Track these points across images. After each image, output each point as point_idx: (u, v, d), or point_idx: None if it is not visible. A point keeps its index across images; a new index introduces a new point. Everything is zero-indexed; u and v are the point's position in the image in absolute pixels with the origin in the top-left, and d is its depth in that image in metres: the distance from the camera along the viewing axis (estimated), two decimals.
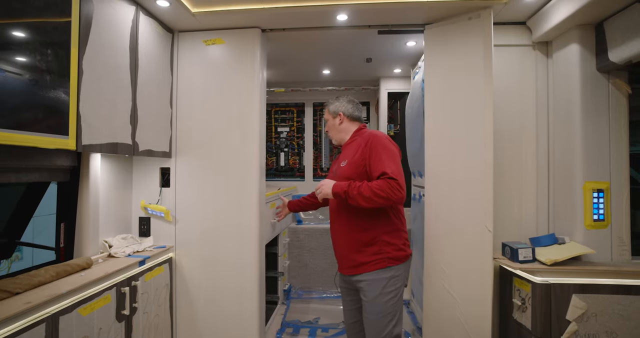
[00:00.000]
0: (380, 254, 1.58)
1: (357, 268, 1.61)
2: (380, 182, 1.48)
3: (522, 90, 2.04)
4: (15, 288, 1.24)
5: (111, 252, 1.80)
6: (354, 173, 1.60)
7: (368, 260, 1.58)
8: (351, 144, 1.73)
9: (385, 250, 1.58)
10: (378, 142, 1.60)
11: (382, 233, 1.59)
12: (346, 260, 1.66)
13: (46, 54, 1.25)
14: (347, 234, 1.64)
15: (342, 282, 1.77)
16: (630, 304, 1.57)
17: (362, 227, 1.60)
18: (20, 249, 5.05)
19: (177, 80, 2.15)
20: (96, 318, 1.42)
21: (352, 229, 1.62)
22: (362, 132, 1.73)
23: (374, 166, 1.55)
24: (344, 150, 1.77)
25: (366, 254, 1.58)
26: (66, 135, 1.33)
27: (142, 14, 1.82)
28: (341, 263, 1.70)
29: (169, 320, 2.06)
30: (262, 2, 1.86)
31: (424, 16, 1.98)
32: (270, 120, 3.92)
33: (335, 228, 1.71)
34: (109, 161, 1.93)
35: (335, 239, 1.73)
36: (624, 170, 1.78)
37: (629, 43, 1.56)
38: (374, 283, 1.57)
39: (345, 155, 1.72)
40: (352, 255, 1.62)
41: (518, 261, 1.76)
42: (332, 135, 1.83)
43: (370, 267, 1.58)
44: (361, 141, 1.65)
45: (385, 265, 1.57)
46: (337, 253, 1.72)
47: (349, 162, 1.64)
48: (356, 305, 1.73)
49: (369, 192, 1.47)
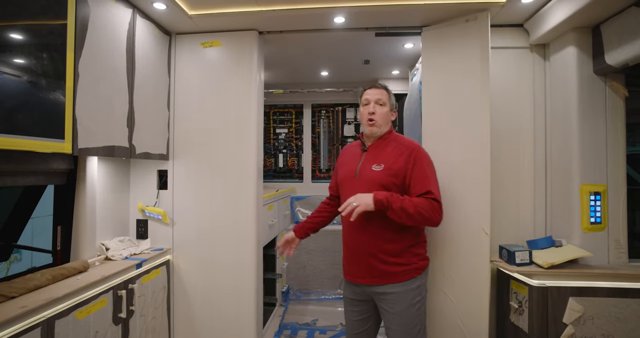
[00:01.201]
0: (407, 265, 1.49)
1: (382, 278, 1.49)
2: (424, 201, 1.40)
3: (519, 92, 2.04)
4: (10, 292, 1.24)
5: (108, 254, 1.79)
6: (390, 182, 1.47)
7: (395, 270, 1.48)
8: (385, 146, 1.56)
9: (412, 260, 1.50)
10: (425, 156, 1.52)
11: (409, 245, 1.51)
12: (368, 269, 1.51)
13: (42, 57, 1.25)
14: (371, 243, 1.50)
15: (350, 293, 1.63)
16: (626, 307, 1.57)
17: (389, 238, 1.48)
18: (19, 250, 5.05)
19: (174, 83, 2.15)
20: (92, 322, 1.42)
21: (377, 239, 1.49)
22: (397, 137, 1.60)
23: (419, 181, 1.45)
24: (374, 150, 1.58)
25: (393, 265, 1.48)
26: (62, 138, 1.33)
27: (139, 17, 1.82)
28: (360, 272, 1.54)
29: (167, 322, 2.06)
30: (259, 4, 1.85)
31: (421, 18, 1.98)
32: (269, 122, 3.92)
33: (355, 236, 1.54)
34: (106, 164, 1.93)
35: (353, 247, 1.56)
36: (620, 173, 1.78)
37: (626, 46, 1.56)
38: (402, 295, 1.48)
39: (379, 158, 1.54)
40: (377, 264, 1.49)
41: (515, 264, 1.76)
42: (380, 123, 1.56)
43: (398, 278, 1.48)
44: (403, 149, 1.52)
45: (412, 277, 1.49)
46: (355, 262, 1.55)
47: (388, 168, 1.49)
48: (365, 315, 1.62)
49: (413, 209, 1.38)
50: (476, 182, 1.81)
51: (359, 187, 1.50)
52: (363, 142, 1.64)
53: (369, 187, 1.47)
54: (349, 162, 1.63)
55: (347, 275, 1.62)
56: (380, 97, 1.58)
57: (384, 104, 1.58)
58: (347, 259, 1.61)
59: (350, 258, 1.59)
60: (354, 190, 1.48)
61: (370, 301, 1.59)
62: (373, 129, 1.57)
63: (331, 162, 3.87)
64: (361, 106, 1.63)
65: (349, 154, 1.68)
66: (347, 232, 1.59)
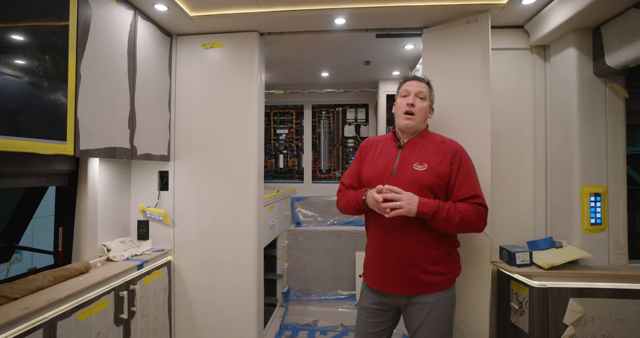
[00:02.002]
0: (446, 275, 1.40)
1: (418, 288, 1.38)
2: (470, 208, 1.32)
3: (520, 93, 2.04)
4: (13, 294, 1.24)
5: (109, 255, 1.80)
6: (434, 183, 1.36)
7: (434, 280, 1.37)
8: (425, 144, 1.45)
9: (451, 269, 1.42)
10: (469, 158, 1.43)
11: (448, 252, 1.42)
12: (404, 278, 1.38)
13: (44, 58, 1.26)
14: (412, 249, 1.37)
15: (373, 302, 1.47)
16: (627, 308, 1.57)
17: (433, 244, 1.37)
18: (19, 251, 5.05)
19: (175, 84, 2.15)
20: (94, 323, 1.42)
21: (421, 245, 1.37)
22: (435, 135, 1.51)
23: (465, 184, 1.36)
24: (412, 148, 1.45)
25: (433, 274, 1.37)
26: (64, 140, 1.33)
27: (140, 18, 1.82)
28: (393, 282, 1.40)
29: (168, 323, 2.06)
30: (260, 6, 1.86)
31: (421, 20, 1.98)
32: (269, 122, 3.92)
33: (391, 240, 1.39)
34: (107, 165, 1.93)
35: (387, 252, 1.41)
36: (621, 174, 1.79)
37: (626, 48, 1.56)
38: (436, 305, 1.38)
39: (420, 156, 1.41)
40: (416, 274, 1.37)
41: (515, 265, 1.76)
42: (418, 117, 1.44)
43: (435, 288, 1.38)
44: (446, 149, 1.42)
45: (448, 286, 1.41)
46: (388, 269, 1.41)
47: (432, 169, 1.37)
48: (384, 326, 1.48)
49: (459, 218, 1.29)
50: None
51: (398, 186, 1.34)
52: (398, 137, 1.50)
53: (410, 187, 1.34)
54: (380, 158, 1.47)
55: (373, 283, 1.46)
56: (422, 89, 1.46)
57: (424, 98, 1.46)
58: (375, 265, 1.45)
59: (380, 264, 1.43)
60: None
61: (394, 311, 1.48)
62: (409, 123, 1.43)
63: (331, 163, 3.88)
64: (398, 97, 1.52)
65: (379, 149, 1.51)
66: (380, 234, 1.43)
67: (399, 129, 1.51)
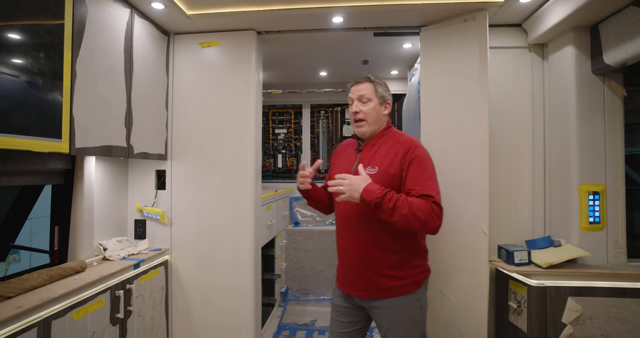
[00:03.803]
0: (406, 279, 1.34)
1: (378, 292, 1.34)
2: (422, 203, 1.22)
3: (518, 92, 2.04)
4: (7, 293, 1.23)
5: (106, 255, 1.79)
6: (386, 186, 1.27)
7: (393, 284, 1.33)
8: (381, 146, 1.40)
9: (412, 273, 1.35)
10: (423, 155, 1.34)
11: (410, 256, 1.36)
12: (363, 281, 1.36)
13: (39, 57, 1.25)
14: (368, 253, 1.34)
15: (342, 301, 1.46)
16: (625, 307, 1.56)
17: (388, 247, 1.32)
18: (18, 251, 5.04)
19: (172, 83, 2.14)
20: (89, 322, 1.41)
21: (374, 247, 1.33)
22: (394, 134, 1.43)
23: (416, 182, 1.28)
24: (369, 150, 1.41)
25: (391, 278, 1.33)
26: (59, 138, 1.33)
27: (137, 17, 1.82)
28: (353, 284, 1.39)
29: (165, 323, 2.05)
30: (257, 4, 1.85)
31: (419, 18, 1.98)
32: (268, 122, 3.91)
33: (350, 243, 1.38)
34: (104, 163, 1.93)
35: (347, 255, 1.40)
36: (619, 173, 1.78)
37: (624, 45, 1.56)
38: (400, 309, 1.34)
39: (373, 159, 1.38)
40: (373, 277, 1.33)
41: (514, 264, 1.76)
42: (369, 121, 1.40)
43: (396, 292, 1.33)
44: (399, 148, 1.35)
45: (411, 290, 1.35)
46: (348, 271, 1.40)
47: (382, 172, 1.33)
48: (354, 327, 1.45)
49: (407, 209, 1.19)
50: (475, 181, 1.81)
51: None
52: (358, 141, 1.48)
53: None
54: (342, 163, 1.48)
55: (339, 284, 1.47)
56: (363, 93, 1.42)
57: (368, 99, 1.41)
58: (341, 267, 1.46)
59: (342, 265, 1.44)
60: None
61: (363, 311, 1.44)
62: (361, 130, 1.42)
63: (330, 163, 3.87)
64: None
65: (344, 153, 1.53)
66: (341, 236, 1.43)
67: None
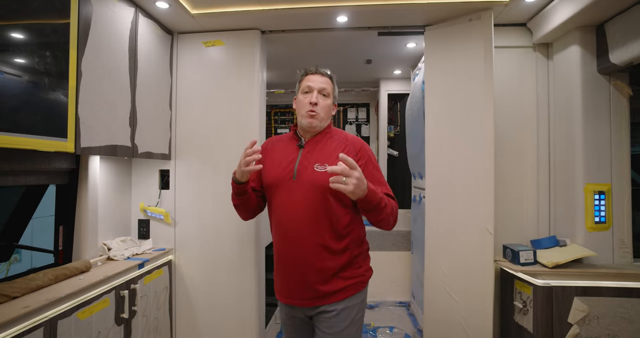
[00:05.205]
0: (355, 278, 1.29)
1: (324, 298, 1.26)
2: (394, 203, 1.26)
3: (523, 91, 2.03)
4: (13, 293, 1.23)
5: (110, 255, 1.79)
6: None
7: (341, 285, 1.27)
8: (326, 143, 1.34)
9: (358, 272, 1.31)
10: (372, 154, 1.36)
11: (354, 255, 1.30)
12: (308, 290, 1.27)
13: (44, 56, 1.25)
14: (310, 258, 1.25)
15: (288, 316, 1.37)
16: (632, 307, 1.56)
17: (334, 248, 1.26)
18: (19, 251, 5.04)
19: (176, 82, 2.14)
20: (95, 322, 1.41)
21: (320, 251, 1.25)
22: (337, 132, 1.40)
23: (377, 181, 1.28)
24: (313, 147, 1.34)
25: (339, 278, 1.27)
26: (65, 137, 1.32)
27: (142, 16, 1.81)
28: (297, 293, 1.29)
29: (169, 322, 2.04)
30: (262, 3, 1.85)
31: (424, 18, 1.97)
32: (270, 122, 3.91)
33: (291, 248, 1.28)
34: (108, 163, 1.92)
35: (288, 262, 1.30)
36: (625, 172, 1.78)
37: (630, 44, 1.55)
38: (344, 312, 1.27)
39: (321, 156, 1.30)
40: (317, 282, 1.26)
41: (519, 263, 1.75)
42: (322, 116, 1.33)
43: (342, 295, 1.27)
44: (348, 147, 1.32)
45: (358, 291, 1.30)
46: (290, 279, 1.30)
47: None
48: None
49: (390, 209, 1.22)
50: (480, 181, 1.80)
51: (298, 190, 1.26)
52: (299, 136, 1.39)
53: (310, 190, 1.25)
54: (280, 159, 1.35)
55: (280, 296, 1.36)
56: (325, 86, 1.34)
57: (328, 95, 1.35)
58: (279, 275, 1.34)
59: (282, 274, 1.33)
60: (292, 195, 1.27)
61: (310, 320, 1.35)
62: (314, 122, 1.32)
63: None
64: (299, 93, 1.38)
65: (278, 149, 1.40)
66: (279, 240, 1.32)
67: (301, 128, 1.39)
